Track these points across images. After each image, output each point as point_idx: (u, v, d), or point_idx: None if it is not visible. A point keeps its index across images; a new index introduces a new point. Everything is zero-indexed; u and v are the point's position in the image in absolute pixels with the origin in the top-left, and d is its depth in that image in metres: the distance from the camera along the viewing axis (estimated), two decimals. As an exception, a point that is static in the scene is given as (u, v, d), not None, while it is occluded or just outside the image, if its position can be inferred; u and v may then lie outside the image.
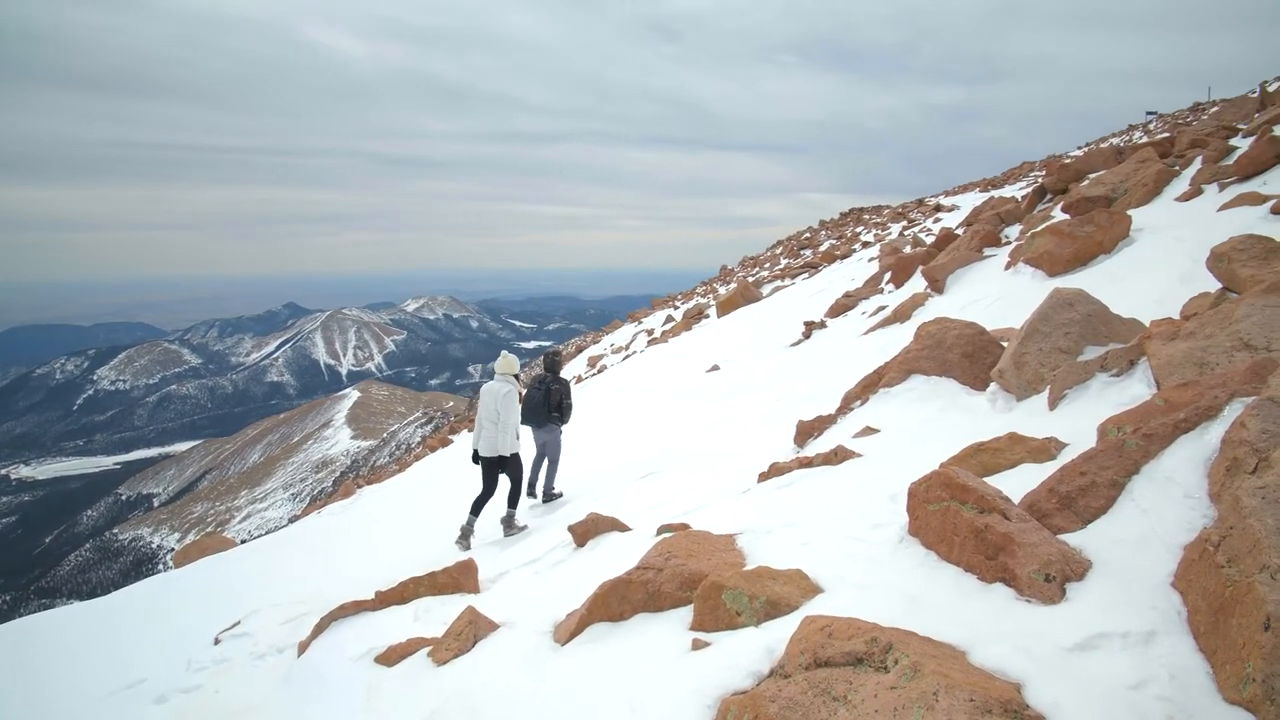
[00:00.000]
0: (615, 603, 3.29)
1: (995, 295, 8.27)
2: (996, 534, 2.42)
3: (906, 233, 22.27)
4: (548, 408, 7.86)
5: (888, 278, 13.48)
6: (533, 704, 2.93)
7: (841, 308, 13.20)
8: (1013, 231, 11.88)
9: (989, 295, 8.41)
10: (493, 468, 7.30)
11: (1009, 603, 2.28)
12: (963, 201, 27.60)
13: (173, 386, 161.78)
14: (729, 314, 20.63)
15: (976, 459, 3.41)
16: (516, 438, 7.29)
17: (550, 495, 8.03)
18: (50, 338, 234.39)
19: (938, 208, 28.34)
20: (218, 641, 5.83)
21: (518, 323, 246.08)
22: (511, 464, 7.31)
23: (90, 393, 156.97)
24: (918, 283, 11.55)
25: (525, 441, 7.63)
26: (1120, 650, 1.94)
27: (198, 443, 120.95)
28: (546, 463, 8.10)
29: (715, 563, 3.26)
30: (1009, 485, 2.95)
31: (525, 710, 2.91)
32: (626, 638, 3.10)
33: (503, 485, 7.42)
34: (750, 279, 27.64)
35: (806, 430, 6.03)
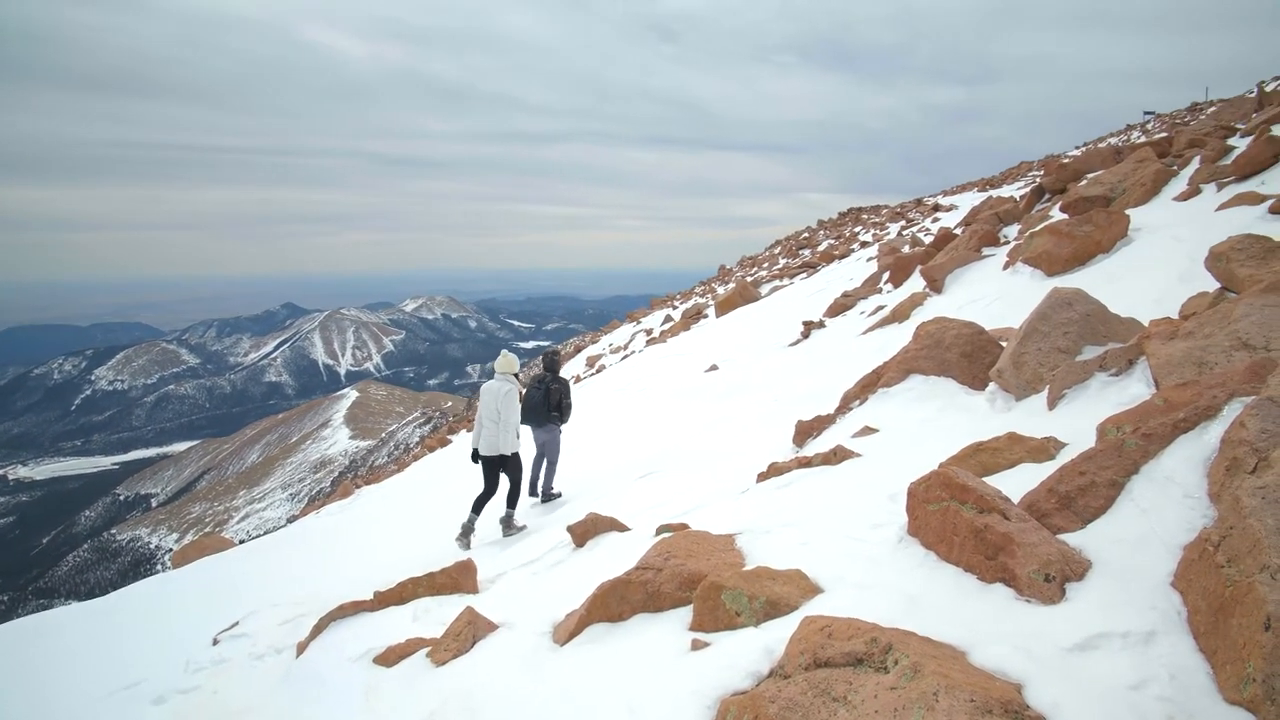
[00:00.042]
0: (614, 603, 3.28)
1: (994, 295, 8.28)
2: (996, 534, 2.42)
3: (905, 232, 22.27)
4: (547, 407, 7.86)
5: (886, 277, 13.49)
6: (532, 705, 2.92)
7: (840, 307, 13.20)
8: (1011, 231, 11.89)
9: (987, 295, 8.42)
10: (494, 467, 7.29)
11: (1009, 603, 2.28)
12: (961, 201, 27.61)
13: (171, 386, 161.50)
14: (727, 314, 20.63)
15: (976, 459, 3.41)
16: (517, 437, 7.29)
17: (549, 495, 8.03)
18: (48, 338, 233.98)
19: (936, 207, 28.35)
20: (216, 642, 5.83)
21: (516, 323, 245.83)
22: (512, 463, 7.30)
23: (88, 393, 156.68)
24: (916, 282, 11.55)
25: (525, 441, 7.63)
26: (1120, 650, 1.94)
27: (196, 443, 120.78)
28: (545, 463, 8.10)
29: (714, 563, 3.26)
30: (1008, 485, 2.95)
31: (524, 711, 2.91)
32: (626, 638, 3.09)
33: (502, 485, 7.42)
34: (749, 279, 27.62)
35: (805, 430, 6.03)
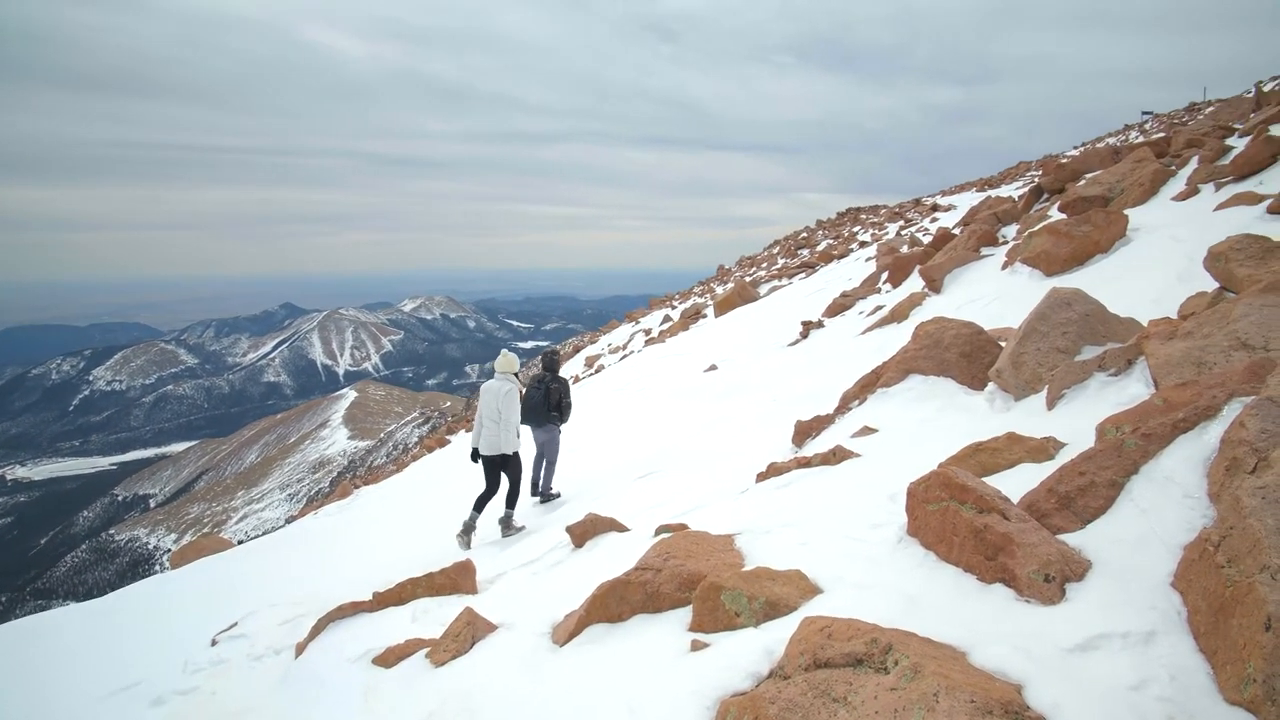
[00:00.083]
0: (614, 604, 3.28)
1: (992, 295, 8.28)
2: (996, 534, 2.41)
3: (904, 232, 22.28)
4: (547, 407, 7.85)
5: (885, 277, 13.49)
6: (531, 705, 2.92)
7: (839, 307, 13.20)
8: (1010, 231, 11.90)
9: (986, 295, 8.42)
10: (495, 466, 7.29)
11: (1009, 603, 2.28)
12: (960, 201, 27.63)
13: (169, 387, 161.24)
14: (726, 314, 20.63)
15: (975, 459, 3.41)
16: (518, 436, 7.29)
17: (548, 495, 8.02)
18: (46, 338, 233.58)
19: (935, 207, 28.36)
20: (215, 643, 5.82)
21: (515, 323, 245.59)
22: (512, 463, 7.30)
23: (86, 393, 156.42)
24: (915, 282, 11.55)
25: (525, 441, 7.63)
26: (1120, 651, 1.94)
27: (194, 443, 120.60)
28: (544, 463, 8.09)
29: (714, 563, 3.26)
30: (1008, 485, 2.95)
31: (523, 712, 2.90)
32: (625, 639, 3.09)
33: (502, 485, 7.41)
34: (747, 279, 27.62)
35: (805, 430, 6.03)
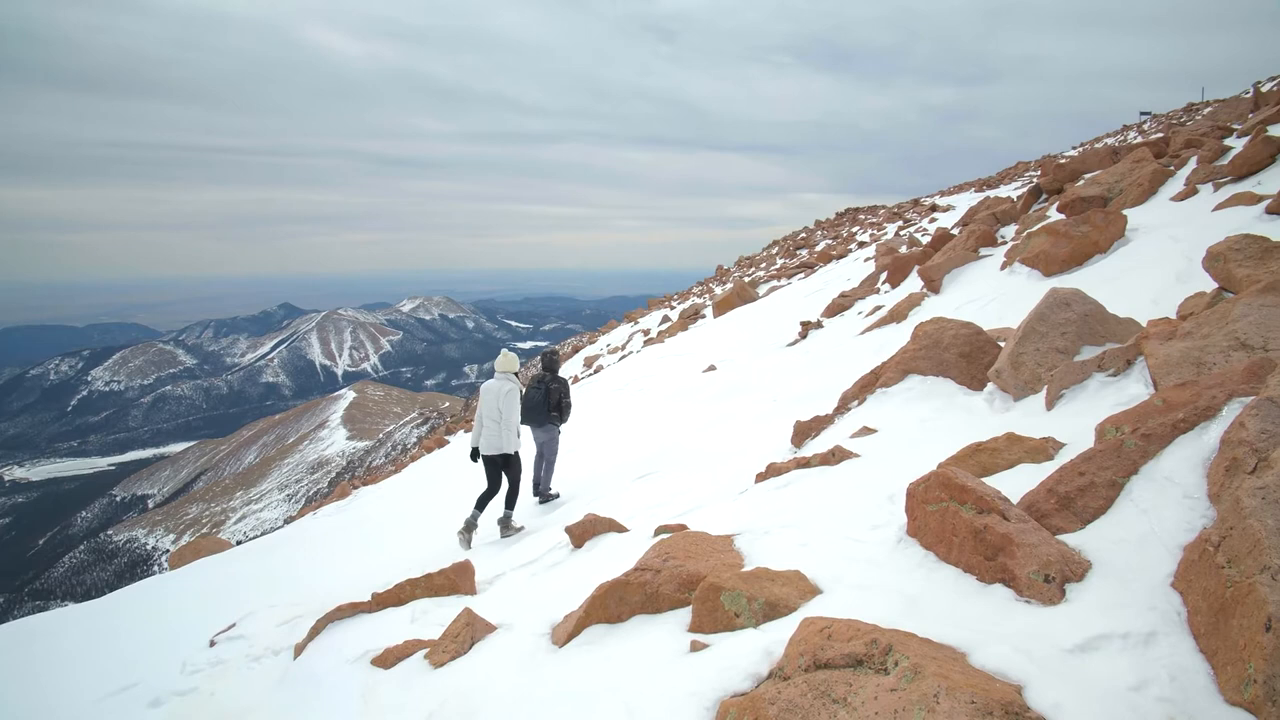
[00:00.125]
0: (613, 604, 3.27)
1: (991, 295, 8.28)
2: (995, 534, 2.41)
3: (902, 233, 22.30)
4: (547, 407, 7.84)
5: (884, 278, 13.49)
6: (530, 706, 2.91)
7: (838, 308, 13.20)
8: (1008, 231, 11.90)
9: (985, 295, 8.42)
10: (496, 466, 7.29)
11: (1009, 604, 2.27)
12: (958, 201, 27.65)
13: (167, 387, 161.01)
14: (725, 314, 20.63)
15: (975, 459, 3.40)
16: (518, 436, 7.29)
17: (547, 496, 8.02)
18: (44, 338, 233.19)
19: (933, 208, 28.38)
20: (213, 644, 5.81)
21: (514, 323, 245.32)
22: (513, 463, 7.30)
23: (84, 393, 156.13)
24: (914, 283, 11.56)
25: (525, 441, 7.62)
26: (1120, 651, 1.94)
27: (193, 444, 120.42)
28: (544, 463, 8.09)
29: (713, 564, 3.25)
30: (1007, 485, 2.94)
31: (522, 712, 2.90)
32: (624, 640, 3.08)
33: (502, 485, 7.41)
34: (746, 279, 27.63)
35: (804, 430, 6.02)
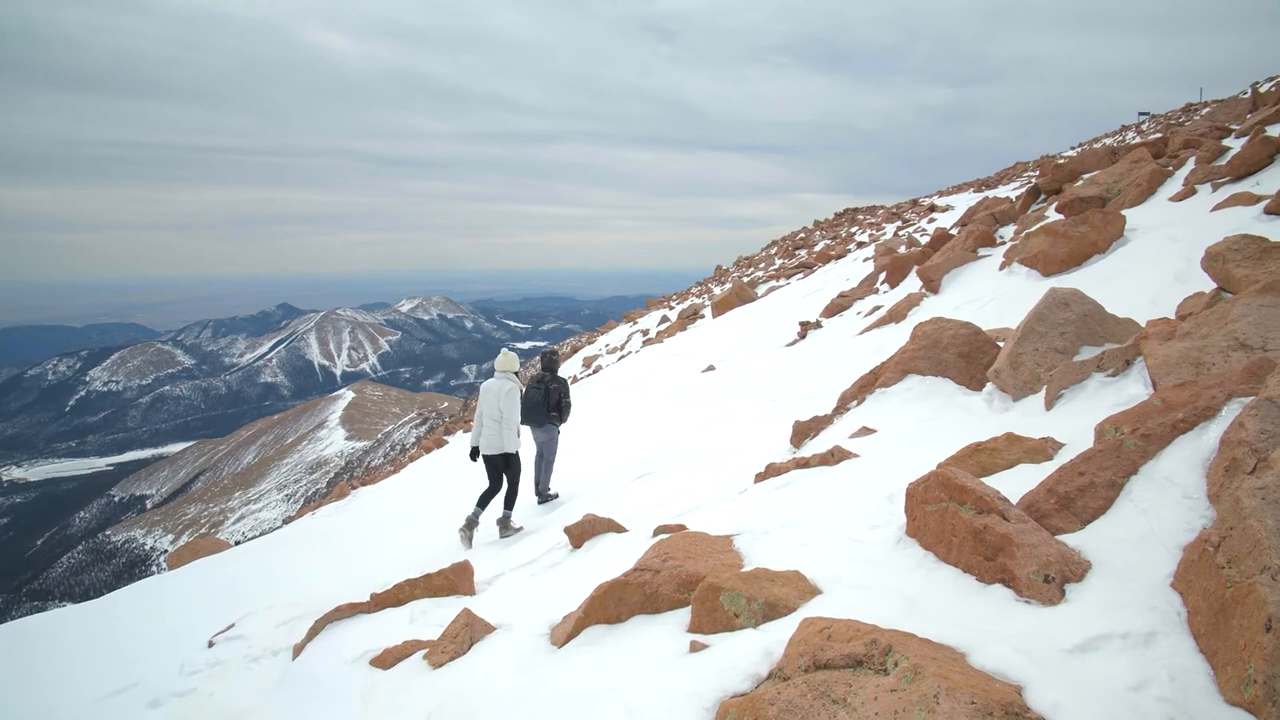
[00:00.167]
0: (612, 605, 3.27)
1: (990, 295, 8.29)
2: (995, 535, 2.41)
3: (901, 233, 22.31)
4: (547, 406, 7.84)
5: (883, 278, 13.50)
6: (529, 707, 2.91)
7: (837, 308, 13.21)
8: (1007, 232, 11.91)
9: (984, 295, 8.42)
10: (497, 465, 7.30)
11: (1008, 604, 2.27)
12: (957, 202, 27.67)
13: (166, 387, 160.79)
14: (724, 314, 20.64)
15: (974, 459, 3.40)
16: (519, 435, 7.30)
17: (546, 496, 8.01)
18: (42, 338, 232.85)
19: (932, 208, 28.40)
20: (211, 644, 5.80)
21: (512, 323, 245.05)
22: (513, 463, 7.30)
23: (83, 394, 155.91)
24: (913, 283, 11.56)
25: (525, 441, 7.62)
26: (1120, 652, 1.94)
27: (191, 444, 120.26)
28: (543, 463, 8.08)
29: (713, 564, 3.25)
30: (1007, 485, 2.94)
31: (522, 713, 2.89)
32: (623, 640, 3.08)
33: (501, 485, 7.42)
34: (745, 279, 27.64)
35: (803, 430, 6.02)
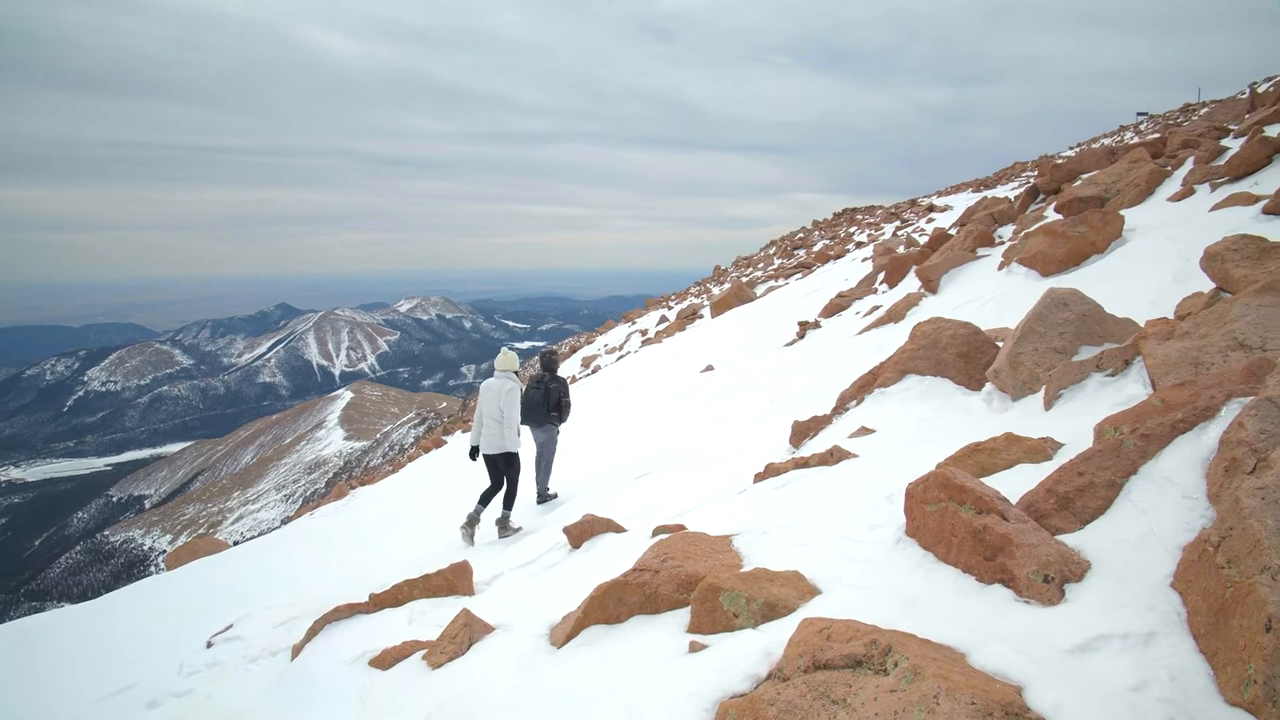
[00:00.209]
0: (611, 605, 3.26)
1: (989, 295, 8.28)
2: (995, 535, 2.41)
3: (900, 233, 22.32)
4: (546, 406, 7.84)
5: (881, 278, 13.50)
6: (528, 707, 2.90)
7: (835, 308, 13.21)
8: (1006, 231, 11.91)
9: (983, 295, 8.42)
10: (499, 464, 7.30)
11: (1008, 604, 2.27)
12: (955, 202, 27.70)
13: (164, 387, 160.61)
14: (723, 314, 20.64)
15: (973, 459, 3.40)
16: (519, 434, 7.30)
17: (545, 496, 8.01)
18: (40, 338, 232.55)
19: (931, 208, 28.42)
20: (210, 645, 5.80)
21: (511, 323, 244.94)
22: (514, 463, 7.31)
23: (81, 394, 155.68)
24: (911, 283, 11.57)
25: (525, 441, 7.62)
26: (1120, 652, 1.93)
27: (189, 444, 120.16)
28: (541, 463, 8.08)
29: (712, 564, 3.24)
30: (1006, 485, 2.94)
31: (521, 714, 2.89)
32: (623, 640, 3.08)
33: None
34: (744, 279, 27.64)
35: (802, 430, 6.02)
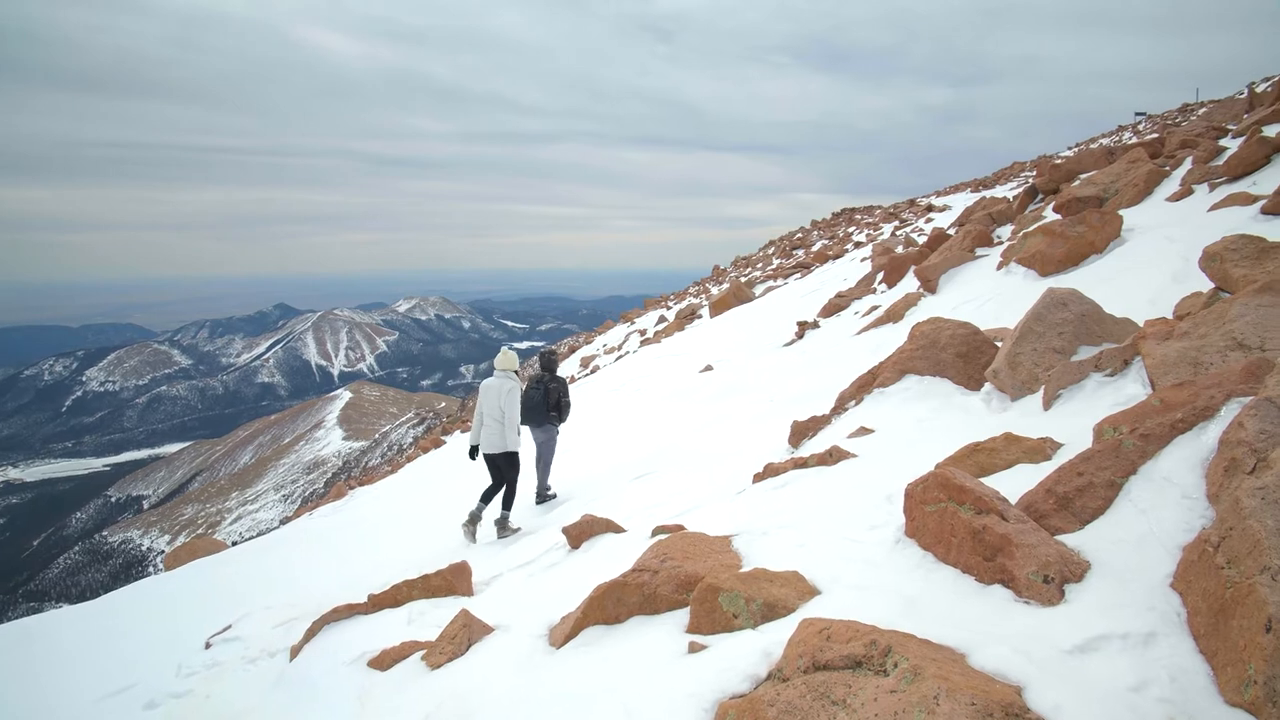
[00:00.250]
0: (611, 605, 3.26)
1: (988, 295, 8.29)
2: (994, 535, 2.41)
3: (899, 233, 22.34)
4: (546, 406, 7.84)
5: (880, 278, 13.51)
6: (527, 708, 2.90)
7: (834, 308, 13.21)
8: (1004, 232, 11.92)
9: (982, 295, 8.43)
10: (499, 464, 7.30)
11: (1008, 604, 2.27)
12: (954, 202, 27.73)
13: (163, 388, 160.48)
14: (722, 314, 20.64)
15: (973, 459, 3.40)
16: (519, 434, 7.31)
17: (544, 496, 8.01)
18: (38, 338, 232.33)
19: (929, 208, 28.45)
20: (208, 645, 5.79)
21: (510, 323, 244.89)
22: (514, 462, 7.31)
23: (79, 394, 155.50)
24: (910, 283, 11.57)
25: (524, 441, 7.62)
26: (1120, 652, 1.93)
27: (188, 444, 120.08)
28: (541, 463, 8.07)
29: (711, 564, 3.24)
30: (1005, 486, 2.94)
31: (520, 714, 2.88)
32: (622, 641, 3.07)
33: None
34: (743, 279, 27.65)
35: (801, 430, 6.02)
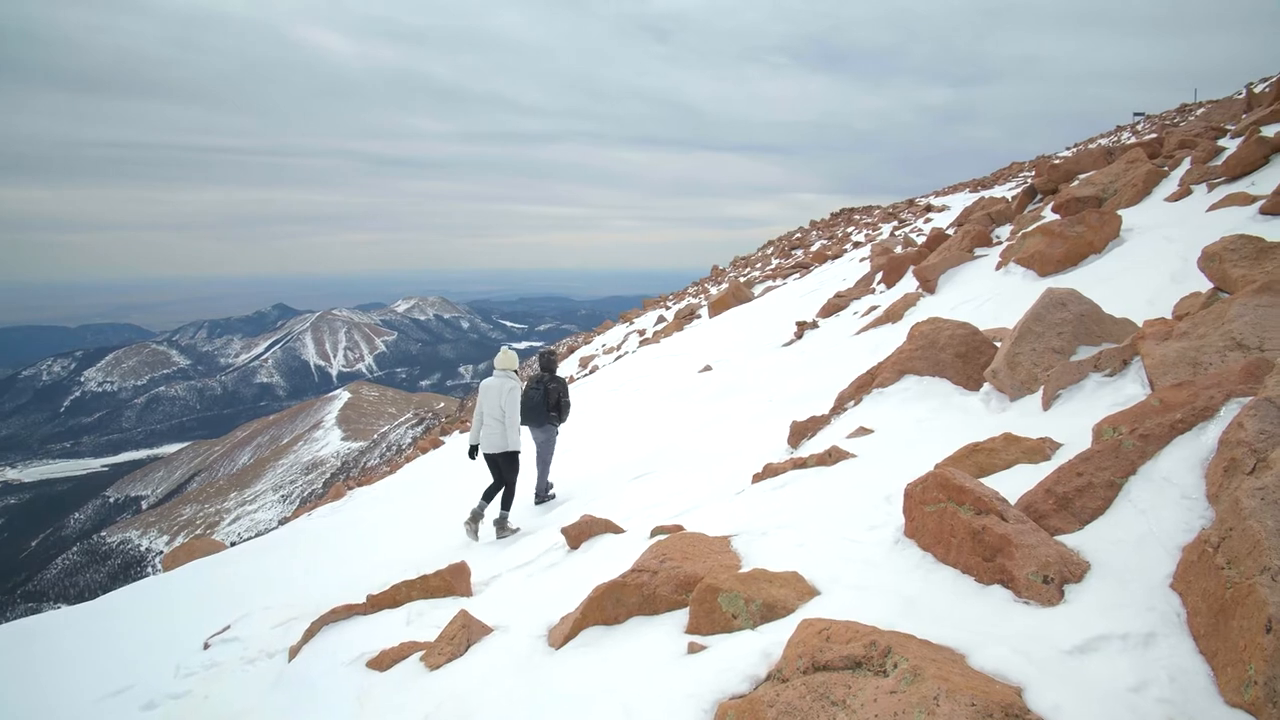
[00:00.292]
0: (610, 606, 3.26)
1: (987, 295, 8.29)
2: (994, 535, 2.40)
3: (897, 233, 22.35)
4: (546, 406, 7.83)
5: (879, 278, 13.51)
6: (527, 709, 2.90)
7: (833, 308, 13.21)
8: (1003, 232, 11.93)
9: (980, 295, 8.43)
10: (499, 463, 7.31)
11: (1007, 605, 2.26)
12: (953, 202, 27.76)
13: (161, 388, 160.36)
14: (721, 314, 20.64)
15: (972, 459, 3.40)
16: (519, 434, 7.31)
17: (543, 496, 8.00)
18: (36, 339, 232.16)
19: (928, 208, 28.47)
20: (207, 646, 5.78)
21: (509, 323, 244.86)
22: (514, 462, 7.31)
23: (78, 394, 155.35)
24: (909, 283, 11.58)
25: (524, 441, 7.62)
26: (1120, 652, 1.93)
27: (186, 445, 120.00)
28: (540, 463, 8.07)
29: (710, 565, 3.24)
30: (1005, 486, 2.94)
31: (519, 715, 2.88)
32: (621, 641, 3.07)
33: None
34: (742, 279, 27.65)
35: (800, 430, 6.01)
